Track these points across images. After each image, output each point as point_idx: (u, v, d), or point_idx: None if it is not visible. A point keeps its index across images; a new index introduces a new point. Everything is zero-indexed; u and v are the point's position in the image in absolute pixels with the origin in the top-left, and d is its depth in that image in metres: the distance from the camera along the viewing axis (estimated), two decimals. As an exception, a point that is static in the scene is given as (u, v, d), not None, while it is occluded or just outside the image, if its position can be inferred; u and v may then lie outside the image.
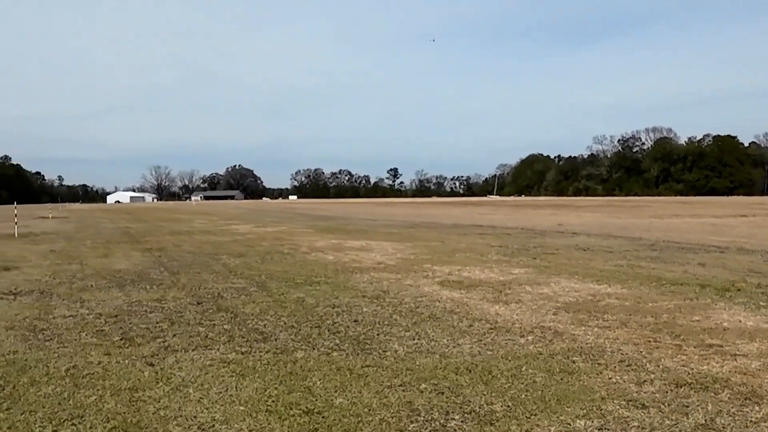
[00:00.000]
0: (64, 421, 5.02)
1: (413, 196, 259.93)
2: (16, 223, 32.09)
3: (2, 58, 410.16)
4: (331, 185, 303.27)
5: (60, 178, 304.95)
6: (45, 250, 20.99)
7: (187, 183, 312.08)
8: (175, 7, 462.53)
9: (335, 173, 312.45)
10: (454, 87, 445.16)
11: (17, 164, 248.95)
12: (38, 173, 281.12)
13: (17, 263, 16.54)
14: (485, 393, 5.52)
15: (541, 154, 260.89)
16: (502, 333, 7.77)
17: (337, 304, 9.86)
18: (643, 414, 5.01)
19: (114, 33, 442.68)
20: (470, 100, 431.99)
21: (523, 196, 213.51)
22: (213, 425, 4.90)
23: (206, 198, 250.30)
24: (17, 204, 39.52)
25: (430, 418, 4.98)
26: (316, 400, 5.41)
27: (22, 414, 5.19)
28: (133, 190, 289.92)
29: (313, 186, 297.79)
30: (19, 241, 25.63)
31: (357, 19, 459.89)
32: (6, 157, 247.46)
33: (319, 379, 5.98)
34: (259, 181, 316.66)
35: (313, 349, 7.13)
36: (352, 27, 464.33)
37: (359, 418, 4.98)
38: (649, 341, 7.30)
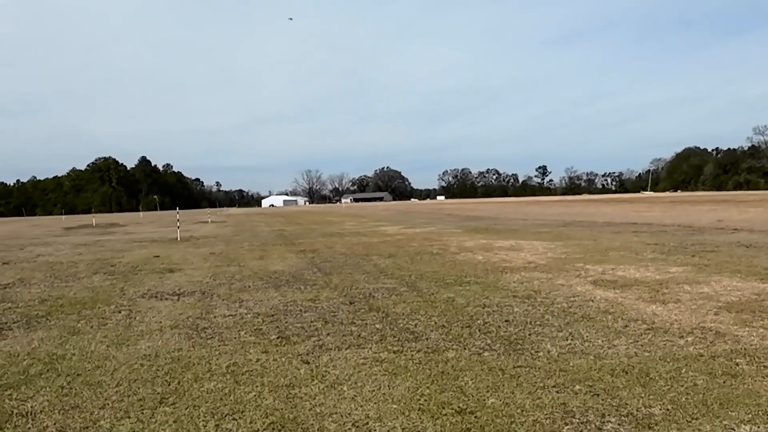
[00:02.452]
0: (225, 416, 5.23)
1: (563, 194, 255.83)
2: (178, 228, 33.81)
3: (165, 78, 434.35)
4: (479, 185, 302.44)
5: (218, 184, 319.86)
6: (205, 252, 21.99)
7: (337, 186, 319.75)
8: (327, 19, 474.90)
9: (482, 173, 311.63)
10: (604, 84, 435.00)
11: (178, 172, 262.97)
12: (197, 180, 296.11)
13: (180, 265, 17.43)
14: (643, 395, 5.34)
15: (698, 148, 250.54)
16: (659, 334, 7.49)
17: (487, 304, 9.80)
18: (816, 420, 4.72)
19: (269, 47, 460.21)
20: (622, 96, 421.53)
21: (678, 191, 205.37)
22: (367, 422, 4.98)
23: (356, 200, 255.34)
24: (179, 209, 41.55)
25: (585, 420, 4.87)
26: (469, 400, 5.40)
27: (186, 408, 5.45)
28: (286, 194, 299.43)
29: (461, 186, 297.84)
30: (181, 244, 26.97)
31: (503, 21, 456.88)
32: (168, 165, 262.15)
33: (471, 379, 5.96)
34: (406, 182, 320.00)
35: (465, 348, 7.12)
36: (499, 29, 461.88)
37: (512, 419, 4.93)
38: (822, 343, 6.85)
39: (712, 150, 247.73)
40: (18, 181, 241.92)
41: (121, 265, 18.20)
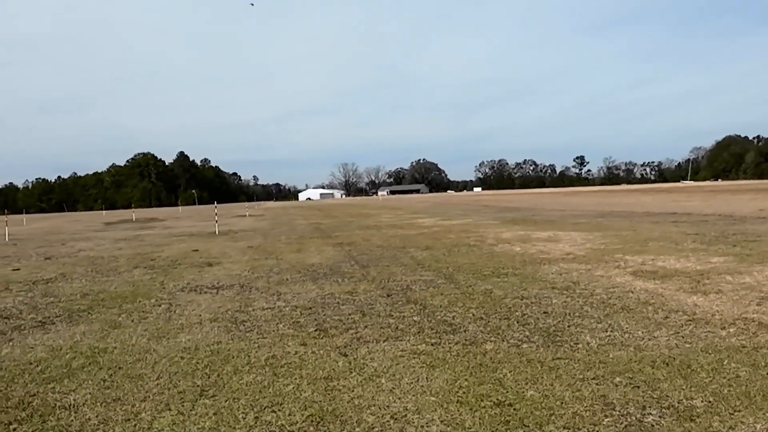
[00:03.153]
0: (264, 408, 5.26)
1: (601, 184, 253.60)
2: (216, 222, 34.07)
3: (202, 73, 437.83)
4: (516, 176, 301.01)
5: (255, 178, 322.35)
6: (243, 246, 22.13)
7: (373, 178, 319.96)
8: (363, 14, 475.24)
9: (519, 164, 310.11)
10: (643, 72, 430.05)
11: (216, 166, 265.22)
12: (235, 174, 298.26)
13: (219, 259, 17.57)
14: (684, 387, 5.27)
15: (739, 136, 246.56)
16: (701, 325, 7.39)
17: (525, 295, 9.74)
18: None
19: (304, 41, 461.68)
20: (661, 83, 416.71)
21: (719, 180, 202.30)
22: (405, 415, 4.98)
23: (392, 192, 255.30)
24: (217, 203, 41.85)
25: (625, 412, 4.82)
26: (507, 392, 5.37)
27: (226, 401, 5.49)
28: (323, 187, 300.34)
29: (498, 177, 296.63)
30: (220, 238, 27.19)
31: (540, 10, 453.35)
32: (206, 160, 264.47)
33: (510, 371, 5.93)
34: (443, 174, 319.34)
35: (503, 340, 7.08)
36: (536, 17, 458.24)
37: (551, 411, 4.90)
38: None
39: (754, 138, 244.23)
40: (59, 177, 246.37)
41: (161, 259, 18.41)
